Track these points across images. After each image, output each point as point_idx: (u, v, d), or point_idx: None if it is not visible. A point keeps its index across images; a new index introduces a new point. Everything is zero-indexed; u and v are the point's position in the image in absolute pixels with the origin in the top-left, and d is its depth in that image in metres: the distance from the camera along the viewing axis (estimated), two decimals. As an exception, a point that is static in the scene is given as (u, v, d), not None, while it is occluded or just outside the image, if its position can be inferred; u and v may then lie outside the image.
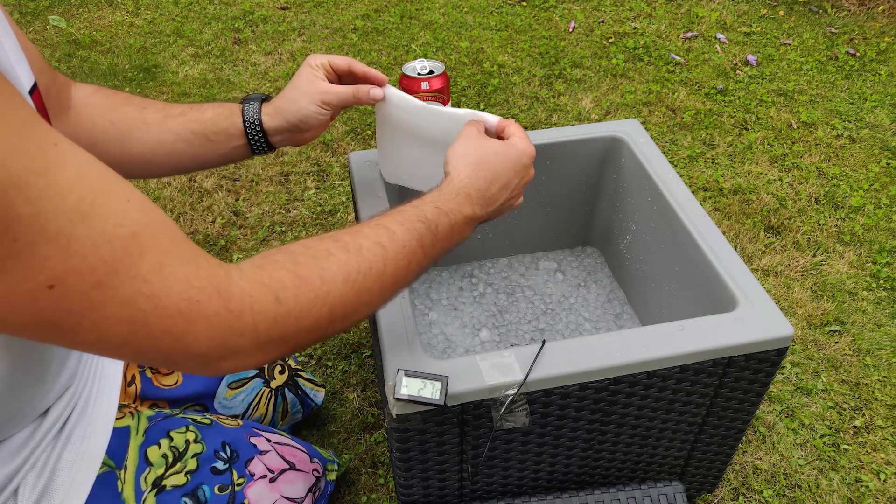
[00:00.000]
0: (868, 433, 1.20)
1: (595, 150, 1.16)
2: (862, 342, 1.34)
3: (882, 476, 1.14)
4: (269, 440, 0.85)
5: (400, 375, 0.73)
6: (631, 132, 1.13)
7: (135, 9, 2.49)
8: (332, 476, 0.96)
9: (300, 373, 1.07)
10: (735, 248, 1.29)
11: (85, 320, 0.46)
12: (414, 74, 0.95)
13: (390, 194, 1.01)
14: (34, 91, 0.61)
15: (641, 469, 0.97)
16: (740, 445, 1.17)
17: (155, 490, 0.72)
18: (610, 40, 2.30)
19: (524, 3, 2.52)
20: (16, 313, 0.45)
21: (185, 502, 0.73)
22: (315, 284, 0.57)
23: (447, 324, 1.21)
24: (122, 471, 0.71)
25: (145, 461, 0.73)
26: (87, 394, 0.72)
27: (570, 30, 2.36)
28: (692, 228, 0.95)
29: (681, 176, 1.22)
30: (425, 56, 2.24)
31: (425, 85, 0.93)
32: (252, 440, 0.82)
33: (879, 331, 1.37)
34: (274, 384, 1.00)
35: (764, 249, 1.54)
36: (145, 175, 0.84)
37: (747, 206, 1.65)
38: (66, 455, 0.68)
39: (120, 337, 0.48)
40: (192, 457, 0.76)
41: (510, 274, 1.30)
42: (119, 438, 0.73)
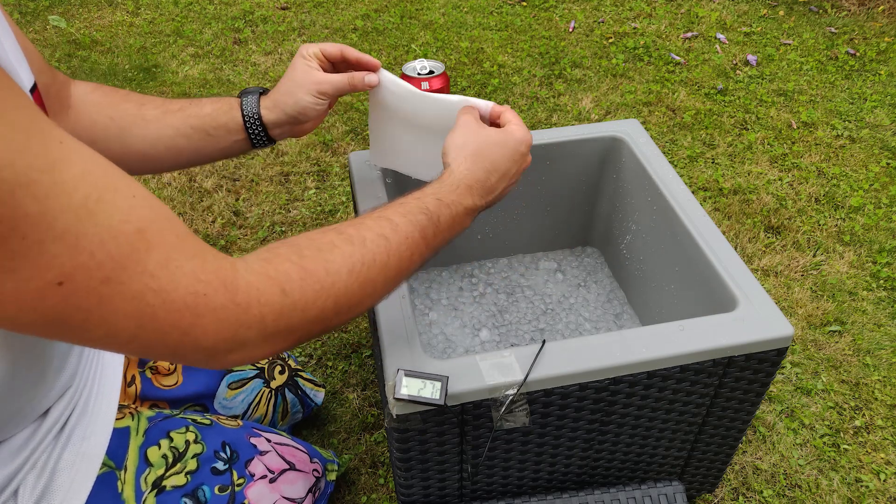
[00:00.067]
0: (868, 433, 1.20)
1: (595, 150, 1.16)
2: (862, 342, 1.34)
3: (882, 476, 1.14)
4: (269, 440, 0.85)
5: (400, 375, 0.73)
6: (631, 132, 1.13)
7: (135, 9, 2.49)
8: (332, 476, 0.96)
9: (300, 373, 1.07)
10: (735, 248, 1.29)
11: (93, 316, 0.47)
12: (414, 74, 0.95)
13: (390, 194, 1.01)
14: (34, 91, 0.61)
15: (641, 469, 0.97)
16: (740, 445, 1.17)
17: (155, 490, 0.72)
18: (610, 40, 2.30)
19: (524, 3, 2.52)
20: (25, 311, 0.45)
21: (186, 503, 0.73)
22: (320, 276, 0.57)
23: (447, 324, 1.21)
24: (123, 471, 0.71)
25: (145, 462, 0.73)
26: (88, 394, 0.72)
27: (570, 30, 2.36)
28: (692, 228, 0.95)
29: (681, 176, 1.22)
30: (425, 56, 2.24)
31: (425, 85, 0.94)
32: (252, 440, 0.82)
33: (879, 331, 1.37)
34: (274, 384, 1.00)
35: (764, 249, 1.54)
36: (146, 171, 0.84)
37: (747, 206, 1.64)
38: (67, 455, 0.68)
39: (128, 332, 0.49)
40: (192, 457, 0.76)
41: (510, 274, 1.29)
42: (119, 439, 0.73)
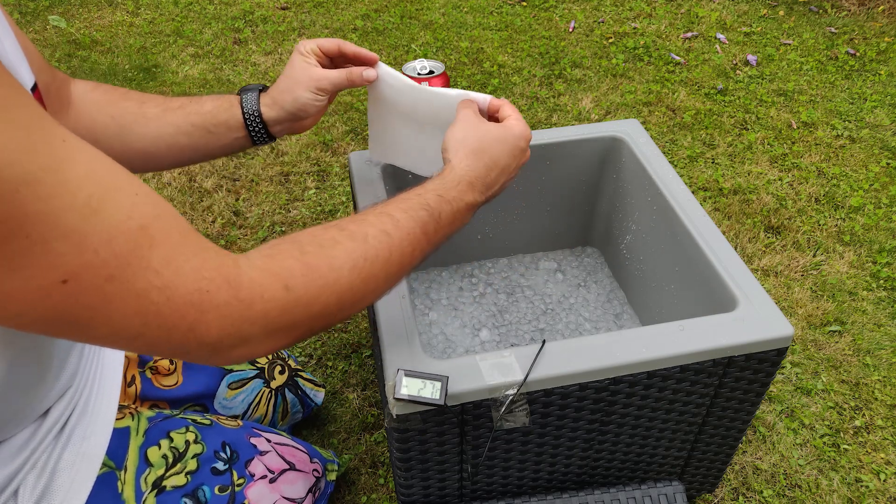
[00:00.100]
0: (868, 433, 1.20)
1: (595, 150, 1.16)
2: (862, 342, 1.34)
3: (882, 476, 1.14)
4: (269, 440, 0.85)
5: (400, 375, 0.73)
6: (631, 132, 1.13)
7: (135, 9, 2.49)
8: (332, 476, 0.96)
9: (300, 373, 1.07)
10: (735, 248, 1.29)
11: (98, 314, 0.47)
12: (414, 74, 0.95)
13: (390, 194, 1.01)
14: (35, 90, 0.61)
15: (641, 469, 0.97)
16: (740, 445, 1.17)
17: (155, 491, 0.72)
18: (610, 40, 2.30)
19: (524, 3, 2.52)
20: (29, 309, 0.45)
21: (186, 503, 0.73)
22: (323, 272, 0.58)
23: (447, 324, 1.21)
24: (123, 471, 0.71)
25: (145, 462, 0.73)
26: (88, 394, 0.72)
27: (570, 30, 2.36)
28: (692, 228, 0.95)
29: (681, 176, 1.22)
30: (425, 56, 2.24)
31: (425, 85, 0.94)
32: (252, 440, 0.82)
33: (879, 331, 1.37)
34: (274, 384, 1.00)
35: (764, 249, 1.54)
36: (147, 169, 0.84)
37: (747, 206, 1.64)
38: (67, 456, 0.68)
39: (133, 329, 0.49)
40: (193, 457, 0.76)
41: (510, 274, 1.29)
42: (119, 439, 0.73)
